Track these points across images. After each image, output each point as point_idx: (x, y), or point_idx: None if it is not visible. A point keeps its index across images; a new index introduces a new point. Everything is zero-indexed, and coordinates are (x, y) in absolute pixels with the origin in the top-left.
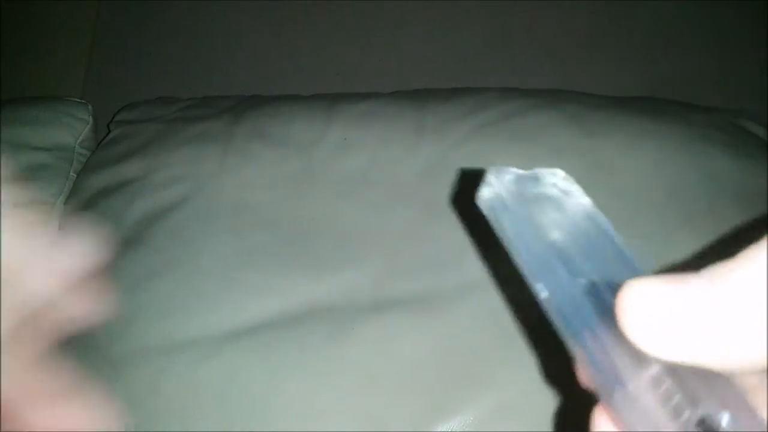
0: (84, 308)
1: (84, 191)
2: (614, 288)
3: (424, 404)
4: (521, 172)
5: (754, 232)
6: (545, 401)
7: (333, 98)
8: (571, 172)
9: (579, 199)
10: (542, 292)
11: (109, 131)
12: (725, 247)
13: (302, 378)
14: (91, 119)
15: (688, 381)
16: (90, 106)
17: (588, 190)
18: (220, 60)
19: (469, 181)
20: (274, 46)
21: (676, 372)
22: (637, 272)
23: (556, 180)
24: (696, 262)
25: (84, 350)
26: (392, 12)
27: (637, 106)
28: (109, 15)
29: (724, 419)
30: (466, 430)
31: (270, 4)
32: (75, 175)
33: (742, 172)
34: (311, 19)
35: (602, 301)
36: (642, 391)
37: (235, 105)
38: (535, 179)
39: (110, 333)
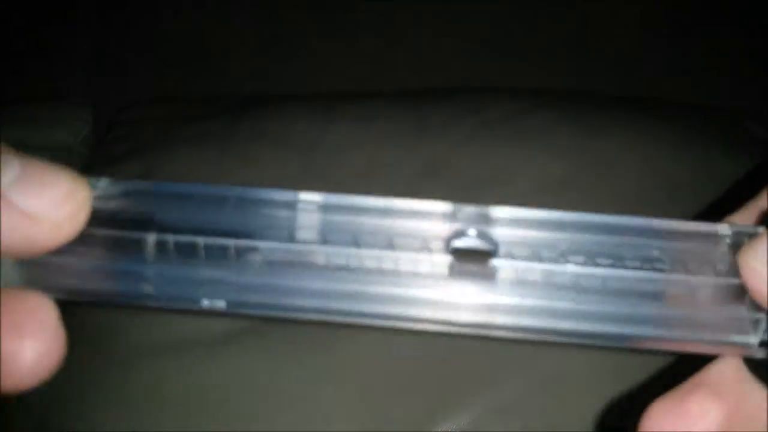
0: None
1: None
2: None
3: (425, 404)
4: None
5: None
6: (546, 401)
7: (333, 98)
8: (571, 171)
9: None
10: None
11: (109, 131)
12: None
13: (303, 377)
14: (91, 119)
15: None
16: (90, 106)
17: (588, 190)
18: (220, 60)
19: None
20: (274, 46)
21: None
22: None
23: None
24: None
25: (84, 350)
26: (392, 12)
27: (637, 106)
28: (110, 15)
29: None
30: (466, 430)
31: (270, 4)
32: None
33: (742, 172)
34: (311, 19)
35: None
36: None
37: (234, 105)
38: None
39: (112, 331)
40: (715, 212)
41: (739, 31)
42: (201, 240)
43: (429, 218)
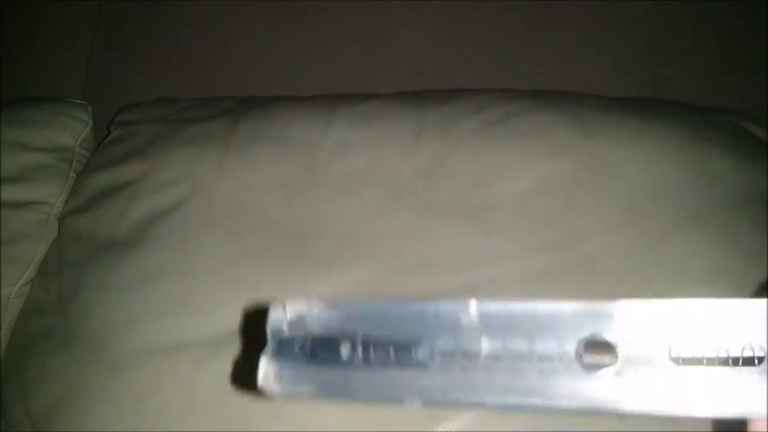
0: None
1: (84, 192)
2: None
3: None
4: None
5: None
6: None
7: (333, 99)
8: (571, 172)
9: None
10: None
11: (109, 132)
12: None
13: None
14: (90, 120)
15: None
16: (90, 107)
17: (588, 190)
18: (220, 60)
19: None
20: (274, 47)
21: None
22: None
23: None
24: None
25: (84, 350)
26: (392, 12)
27: (637, 107)
28: (109, 15)
29: None
30: (467, 430)
31: (270, 4)
32: (75, 176)
33: (742, 173)
34: (311, 19)
35: None
36: None
37: (234, 106)
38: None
39: (110, 333)
40: (715, 213)
41: (738, 31)
42: (392, 350)
43: (563, 317)
